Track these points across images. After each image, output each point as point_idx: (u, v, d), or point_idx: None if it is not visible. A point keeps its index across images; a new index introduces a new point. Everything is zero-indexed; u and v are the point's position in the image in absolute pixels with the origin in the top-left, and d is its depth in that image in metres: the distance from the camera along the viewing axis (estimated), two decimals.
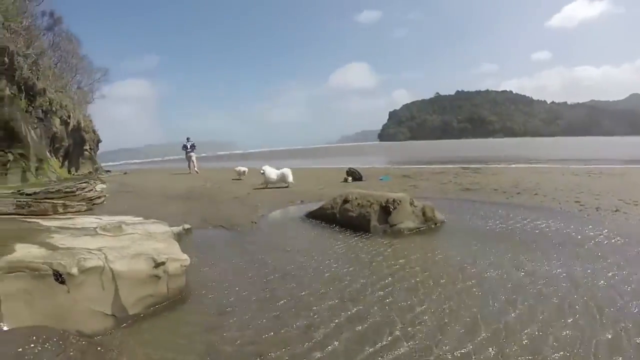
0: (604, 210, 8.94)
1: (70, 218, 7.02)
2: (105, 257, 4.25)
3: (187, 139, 27.48)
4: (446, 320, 3.99)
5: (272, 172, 15.46)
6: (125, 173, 31.15)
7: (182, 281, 4.80)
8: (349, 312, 4.26)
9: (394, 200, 7.88)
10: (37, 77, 21.86)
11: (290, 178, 15.56)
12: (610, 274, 5.10)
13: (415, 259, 6.06)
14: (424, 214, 8.03)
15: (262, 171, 15.33)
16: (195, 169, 26.43)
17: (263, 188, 15.04)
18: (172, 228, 6.85)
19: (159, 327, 4.05)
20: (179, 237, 6.59)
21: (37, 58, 23.11)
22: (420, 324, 3.95)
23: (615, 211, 8.76)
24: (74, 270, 3.88)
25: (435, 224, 8.07)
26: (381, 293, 4.78)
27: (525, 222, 8.04)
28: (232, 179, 19.79)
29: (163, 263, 4.54)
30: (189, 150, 26.89)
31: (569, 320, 3.90)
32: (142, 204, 11.77)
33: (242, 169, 20.86)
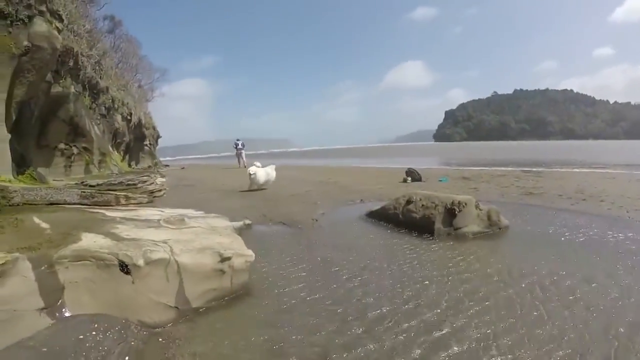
0: None
1: (132, 210, 7.11)
2: (171, 250, 4.23)
3: (237, 139, 31.70)
4: (526, 333, 3.71)
5: (262, 175, 13.81)
6: (182, 168, 31.91)
7: (245, 277, 4.71)
8: (421, 318, 4.02)
9: (459, 203, 7.56)
10: (100, 76, 22.68)
11: (272, 178, 14.51)
12: None
13: (485, 264, 5.74)
14: (489, 217, 7.68)
15: (251, 173, 13.38)
16: (244, 164, 28.92)
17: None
18: (232, 223, 6.82)
19: (221, 322, 3.97)
20: (240, 232, 6.54)
21: (99, 58, 24.08)
22: (497, 335, 3.69)
23: None
24: (140, 262, 3.85)
25: (500, 228, 7.68)
26: (452, 298, 4.52)
27: (590, 231, 7.49)
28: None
29: (229, 258, 4.47)
30: (239, 147, 31.23)
31: None
32: (201, 198, 11.87)
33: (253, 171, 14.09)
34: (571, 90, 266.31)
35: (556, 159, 36.35)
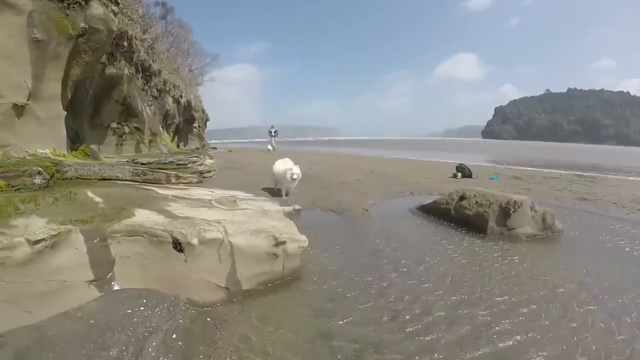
0: None
1: (183, 189, 7.15)
2: (225, 230, 4.19)
3: (272, 126, 38.10)
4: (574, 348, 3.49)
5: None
6: (230, 151, 32.27)
7: (297, 262, 4.65)
8: (472, 319, 3.86)
9: (515, 203, 7.28)
10: (153, 60, 23.17)
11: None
12: None
13: (538, 268, 5.50)
14: (543, 220, 7.37)
15: (295, 174, 9.40)
16: (274, 147, 35.83)
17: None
18: (283, 207, 6.78)
19: (270, 305, 3.93)
20: (290, 217, 6.51)
21: (152, 43, 24.69)
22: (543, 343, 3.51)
23: None
24: (195, 241, 3.83)
25: (554, 232, 7.37)
26: (498, 301, 4.35)
27: None
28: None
29: (284, 242, 4.41)
30: (273, 134, 37.46)
31: None
32: (249, 181, 11.95)
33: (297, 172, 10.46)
34: (628, 93, 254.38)
35: (610, 164, 35.06)
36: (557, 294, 4.62)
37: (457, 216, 7.92)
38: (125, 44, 16.25)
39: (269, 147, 36.23)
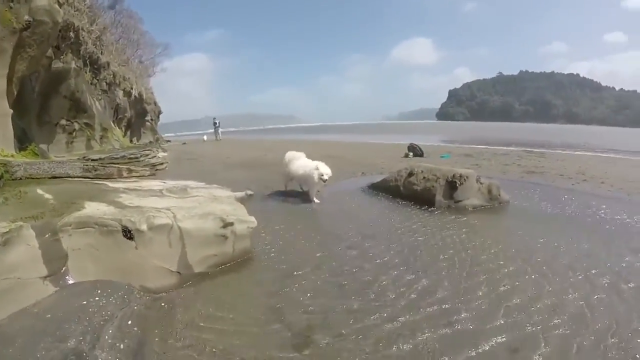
0: None
1: (135, 181, 7.16)
2: (174, 216, 4.27)
3: (214, 118, 38.77)
4: (514, 300, 3.83)
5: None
6: (184, 143, 31.82)
7: (247, 243, 4.77)
8: (418, 286, 4.09)
9: (460, 176, 7.58)
10: (101, 52, 22.62)
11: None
12: None
13: (482, 236, 5.82)
14: (489, 192, 7.72)
15: (323, 175, 7.62)
16: (219, 137, 37.27)
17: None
18: (235, 193, 6.86)
19: (222, 287, 4.04)
20: (242, 202, 6.60)
21: (100, 34, 23.96)
22: (483, 301, 3.81)
23: None
24: (144, 227, 3.90)
25: (500, 203, 7.72)
26: (444, 266, 4.64)
27: (590, 209, 7.56)
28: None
29: (231, 224, 4.52)
30: (217, 126, 38.06)
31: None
32: (203, 171, 11.95)
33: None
34: (577, 75, 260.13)
35: (559, 141, 36.20)
36: (496, 255, 5.00)
37: (405, 192, 8.17)
38: (72, 35, 15.84)
39: (205, 137, 37.48)
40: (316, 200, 7.81)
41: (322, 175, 7.54)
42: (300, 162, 8.16)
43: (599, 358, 2.93)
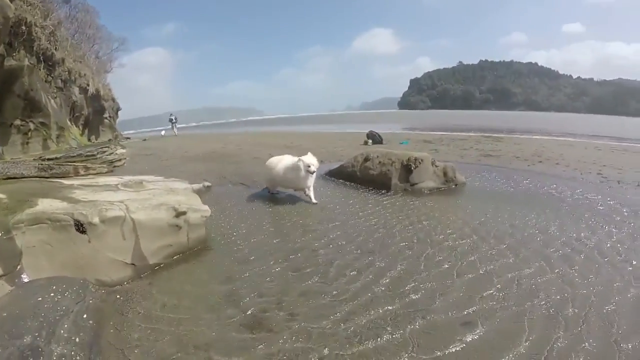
0: (626, 183, 8.76)
1: (91, 178, 7.08)
2: (127, 208, 4.28)
3: (171, 114, 37.75)
4: (464, 275, 4.05)
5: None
6: (144, 140, 31.33)
7: (202, 232, 4.82)
8: (373, 267, 4.23)
9: (415, 159, 7.78)
10: (56, 48, 22.04)
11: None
12: (614, 238, 5.11)
13: (438, 216, 6.04)
14: (445, 174, 7.96)
15: (310, 167, 6.88)
16: (176, 132, 36.22)
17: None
18: (192, 185, 6.88)
19: (178, 277, 4.09)
20: (199, 194, 6.60)
21: (54, 29, 23.22)
22: (437, 276, 4.03)
23: (638, 186, 8.55)
24: (95, 220, 3.90)
25: (456, 184, 8.00)
26: (399, 247, 4.80)
27: (544, 188, 7.93)
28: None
29: (184, 212, 4.56)
30: (174, 122, 37.10)
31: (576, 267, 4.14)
32: (162, 165, 11.90)
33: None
34: (536, 64, 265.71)
35: (518, 127, 37.08)
36: (448, 233, 5.26)
37: (362, 177, 8.35)
38: (25, 30, 15.44)
39: (163, 132, 37.94)
40: (314, 201, 6.95)
41: (309, 166, 6.72)
42: (284, 162, 7.28)
43: (555, 328, 3.08)
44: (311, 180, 6.95)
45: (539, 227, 5.51)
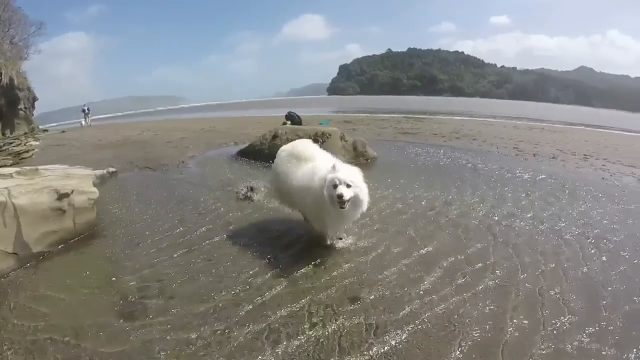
0: (541, 156, 9.45)
1: None
2: (9, 193, 4.11)
3: (84, 104, 37.12)
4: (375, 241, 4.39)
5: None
6: (63, 131, 29.99)
7: (91, 216, 4.74)
8: (269, 244, 4.37)
9: (322, 133, 7.96)
10: None
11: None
12: (534, 207, 5.54)
13: None
14: (354, 149, 8.18)
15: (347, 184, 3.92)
16: (90, 123, 34.80)
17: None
18: (95, 171, 6.71)
19: (63, 264, 4.02)
20: (103, 180, 6.48)
21: None
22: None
23: (553, 158, 9.28)
24: None
25: (367, 159, 8.24)
26: (299, 222, 4.88)
27: (459, 161, 8.37)
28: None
29: (67, 195, 4.45)
30: (87, 112, 36.00)
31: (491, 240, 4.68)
32: (72, 154, 11.56)
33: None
34: (462, 52, 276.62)
35: (442, 109, 38.33)
36: None
37: (271, 154, 8.24)
38: None
39: (82, 122, 36.14)
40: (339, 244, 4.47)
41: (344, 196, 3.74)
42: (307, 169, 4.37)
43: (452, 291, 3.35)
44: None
45: (450, 199, 5.84)
